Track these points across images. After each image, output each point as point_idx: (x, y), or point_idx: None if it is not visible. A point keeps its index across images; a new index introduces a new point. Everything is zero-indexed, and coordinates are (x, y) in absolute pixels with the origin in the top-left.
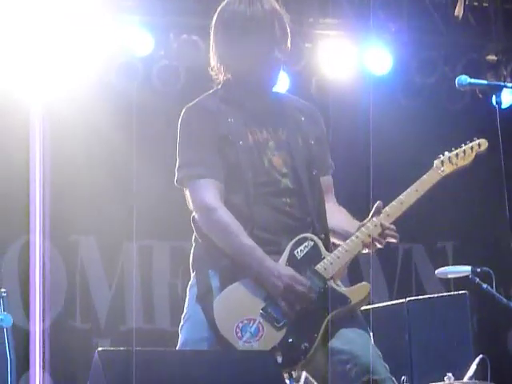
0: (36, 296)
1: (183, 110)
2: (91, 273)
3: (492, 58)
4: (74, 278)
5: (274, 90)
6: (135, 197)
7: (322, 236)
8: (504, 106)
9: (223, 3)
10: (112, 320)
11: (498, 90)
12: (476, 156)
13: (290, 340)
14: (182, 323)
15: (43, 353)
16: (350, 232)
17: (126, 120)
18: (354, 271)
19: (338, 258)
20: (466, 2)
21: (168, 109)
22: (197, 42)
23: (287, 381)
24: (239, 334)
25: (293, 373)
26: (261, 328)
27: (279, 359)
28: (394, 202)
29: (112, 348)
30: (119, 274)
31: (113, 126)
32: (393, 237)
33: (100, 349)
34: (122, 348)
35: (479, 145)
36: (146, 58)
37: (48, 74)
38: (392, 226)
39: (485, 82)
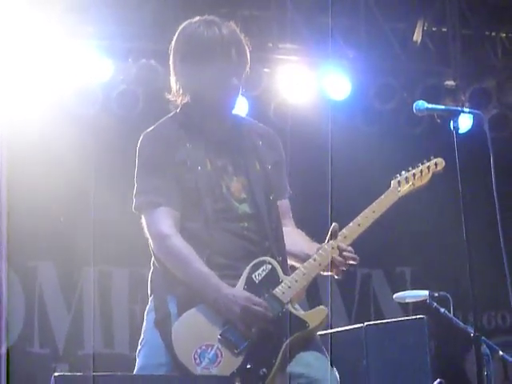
0: None
1: (141, 136)
2: (50, 298)
3: (450, 83)
4: (32, 303)
5: (233, 112)
6: (94, 222)
7: (280, 259)
8: (462, 131)
9: (183, 25)
10: (70, 345)
11: (455, 115)
12: (433, 177)
13: (249, 366)
14: (139, 348)
15: (0, 378)
16: (309, 254)
17: (85, 145)
18: (313, 296)
19: (296, 281)
20: (425, 28)
21: (127, 133)
22: (155, 67)
23: None
24: (197, 360)
25: None
26: (219, 354)
27: None
28: (350, 224)
29: (68, 373)
30: (78, 299)
31: (72, 151)
32: (352, 259)
33: (56, 374)
34: (78, 373)
35: (436, 164)
36: (105, 83)
37: (7, 99)
38: (349, 248)
39: (442, 107)
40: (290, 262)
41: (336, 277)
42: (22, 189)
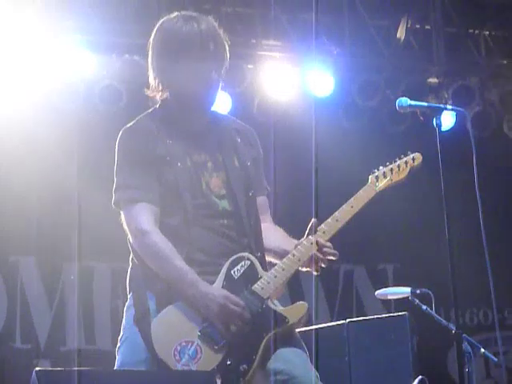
0: None
1: (121, 132)
2: (31, 293)
3: (434, 80)
4: (14, 299)
5: (212, 109)
6: (76, 217)
7: (259, 254)
8: (444, 128)
9: (161, 21)
10: (52, 341)
11: (438, 112)
12: (414, 177)
13: (229, 362)
14: (118, 345)
15: None
16: (287, 250)
17: (69, 140)
18: (296, 292)
19: (275, 276)
20: (409, 25)
21: (110, 128)
22: (139, 62)
23: None
24: (177, 357)
25: None
26: (199, 350)
27: (218, 382)
28: (329, 220)
29: (50, 368)
30: (60, 294)
31: (55, 146)
32: (331, 254)
33: (37, 369)
34: (59, 368)
35: (413, 159)
36: (89, 78)
37: None
38: (328, 244)
39: (425, 104)
40: (268, 258)
41: (315, 273)
42: (3, 184)
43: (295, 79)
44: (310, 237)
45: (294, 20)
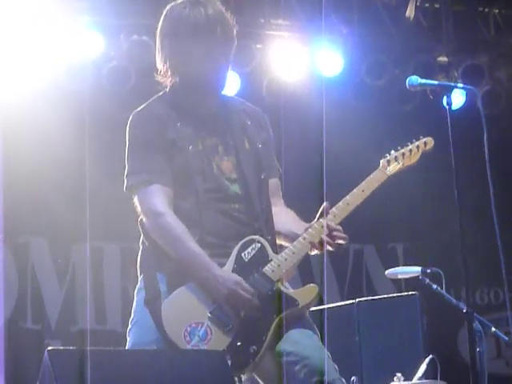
0: None
1: (131, 116)
2: (42, 274)
3: (443, 59)
4: (25, 279)
5: (222, 92)
6: (87, 198)
7: (269, 238)
8: (454, 107)
9: (169, 7)
10: (63, 321)
11: (448, 90)
12: (424, 155)
13: (239, 343)
14: (129, 327)
15: None
16: (298, 234)
17: (77, 121)
18: (306, 272)
19: (286, 259)
20: (417, 4)
21: (119, 109)
22: (147, 43)
23: None
24: (187, 338)
25: (242, 376)
26: (209, 332)
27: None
28: (340, 203)
29: (62, 347)
30: (70, 274)
31: (64, 127)
32: (341, 238)
33: (50, 348)
34: (72, 347)
35: (425, 143)
36: (97, 59)
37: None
38: (339, 227)
39: (435, 82)
40: (279, 241)
41: (317, 253)
42: (13, 165)
43: (304, 59)
44: (320, 220)
45: None
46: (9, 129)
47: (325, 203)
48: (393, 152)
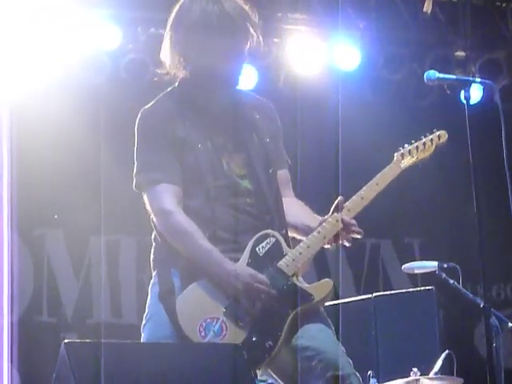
0: (4, 290)
1: (139, 113)
2: (58, 266)
3: (460, 54)
4: (40, 272)
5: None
6: (103, 191)
7: (283, 232)
8: (472, 101)
9: (185, 0)
10: (79, 314)
11: (466, 85)
12: (441, 150)
13: (254, 339)
14: (143, 322)
15: (11, 346)
16: (311, 226)
17: (94, 114)
18: (322, 267)
19: (300, 254)
20: None
21: (136, 102)
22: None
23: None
24: (203, 334)
25: (257, 372)
26: (224, 327)
27: None
28: (354, 197)
29: (78, 340)
30: (86, 267)
31: (80, 120)
32: (356, 232)
33: (66, 341)
34: (88, 340)
35: (439, 137)
36: (114, 52)
37: (15, 68)
38: (353, 222)
39: (453, 76)
40: (291, 233)
41: (332, 247)
42: (31, 158)
43: (321, 53)
44: (335, 214)
45: None
46: (25, 121)
47: (339, 197)
48: (406, 145)
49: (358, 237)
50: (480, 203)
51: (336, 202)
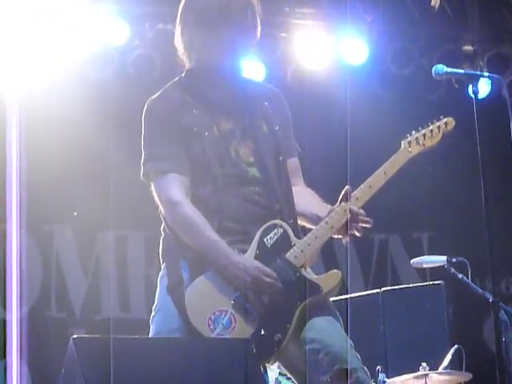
0: (13, 285)
1: (146, 103)
2: (67, 262)
3: (468, 48)
4: (49, 267)
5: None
6: (111, 186)
7: (291, 221)
8: (480, 96)
9: None
10: (87, 309)
11: (475, 79)
12: (450, 141)
13: (263, 332)
14: (152, 314)
15: (20, 341)
16: (320, 216)
17: (102, 109)
18: (330, 260)
19: (309, 244)
20: None
21: (143, 98)
22: (172, 32)
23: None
24: (212, 326)
25: (266, 365)
26: (233, 320)
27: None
28: (362, 186)
29: (87, 335)
30: (94, 263)
31: (88, 116)
32: (364, 222)
33: (75, 336)
34: (97, 335)
35: (446, 124)
36: (122, 48)
37: (24, 63)
38: (361, 211)
39: (462, 71)
40: (301, 222)
41: (344, 241)
42: (39, 153)
43: (329, 47)
44: (342, 203)
45: None
46: (33, 117)
47: (346, 187)
48: (414, 132)
49: (367, 226)
50: (488, 197)
51: (343, 191)
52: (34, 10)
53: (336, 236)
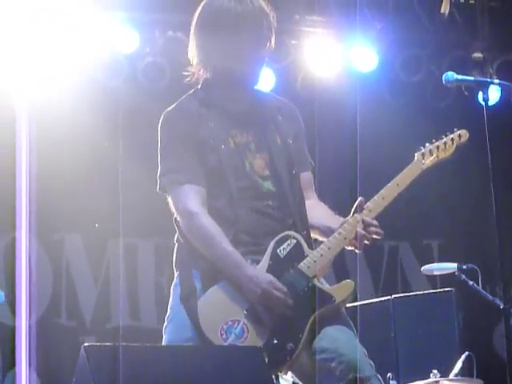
0: (22, 292)
1: (162, 115)
2: (77, 270)
3: (478, 55)
4: (59, 276)
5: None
6: (121, 195)
7: (304, 233)
8: (490, 103)
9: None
10: (98, 318)
11: (485, 86)
12: (460, 152)
13: (275, 341)
14: (165, 324)
15: (29, 349)
16: (332, 228)
17: (112, 117)
18: (340, 268)
19: (321, 255)
20: (452, 0)
21: (153, 106)
22: (182, 39)
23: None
24: (224, 336)
25: (279, 374)
26: (245, 329)
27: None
28: (375, 197)
29: (98, 343)
30: (105, 271)
31: (98, 123)
32: (376, 233)
33: (86, 344)
34: (107, 343)
35: (460, 136)
36: (132, 55)
37: (33, 71)
38: (374, 222)
39: (472, 78)
40: (313, 235)
41: (356, 251)
42: (49, 161)
43: (338, 55)
44: (355, 215)
45: None
46: (43, 125)
47: (359, 198)
48: (427, 145)
49: (378, 238)
50: (498, 204)
51: (356, 202)
52: (44, 17)
53: (349, 247)
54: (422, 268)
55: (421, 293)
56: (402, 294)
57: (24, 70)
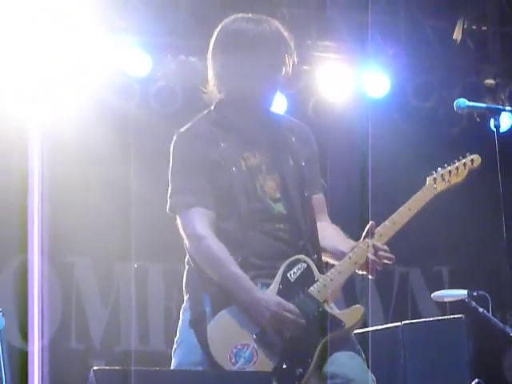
0: (34, 316)
1: (174, 136)
2: (87, 294)
3: (490, 81)
4: (69, 299)
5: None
6: (131, 218)
7: (315, 257)
8: (502, 129)
9: (227, 21)
10: (107, 341)
11: (496, 113)
12: (472, 176)
13: (285, 366)
14: (174, 347)
15: (42, 372)
16: (344, 251)
17: (123, 141)
18: (350, 294)
19: (332, 280)
20: (465, 26)
21: (165, 130)
22: (194, 63)
23: None
24: (233, 360)
25: None
26: (255, 353)
27: None
28: (386, 222)
29: (107, 367)
30: (114, 295)
31: (110, 147)
32: (387, 258)
33: (95, 368)
34: (117, 367)
35: (472, 161)
36: (144, 79)
37: (47, 94)
38: (385, 247)
39: (483, 105)
40: (325, 258)
41: (370, 277)
42: (61, 184)
43: (350, 80)
44: (366, 239)
45: (349, 21)
46: (54, 147)
47: (370, 222)
48: (439, 169)
49: (389, 263)
50: (509, 231)
51: (367, 227)
52: (58, 40)
53: (359, 272)
54: (433, 295)
55: (431, 319)
56: (411, 321)
57: (36, 93)
